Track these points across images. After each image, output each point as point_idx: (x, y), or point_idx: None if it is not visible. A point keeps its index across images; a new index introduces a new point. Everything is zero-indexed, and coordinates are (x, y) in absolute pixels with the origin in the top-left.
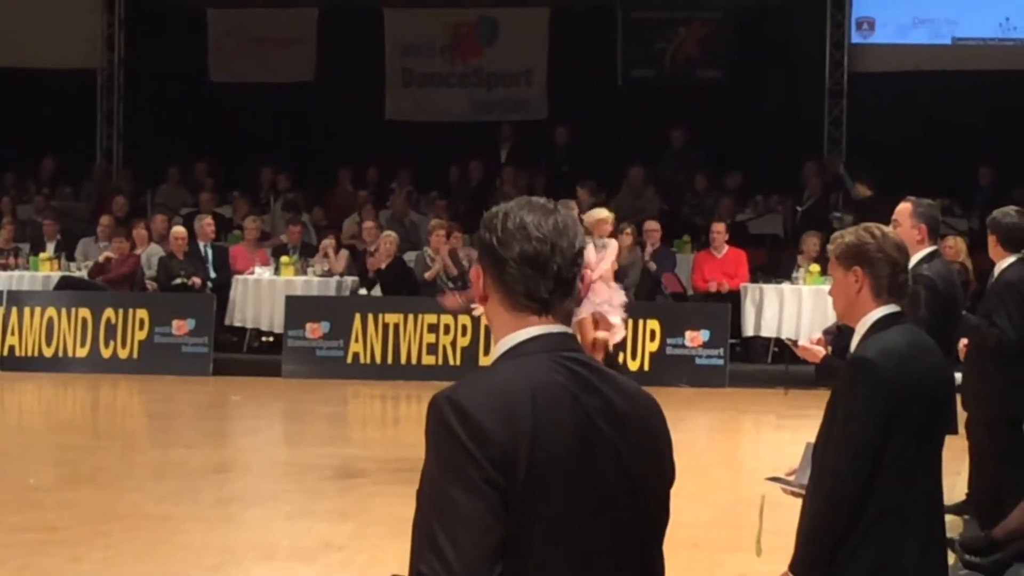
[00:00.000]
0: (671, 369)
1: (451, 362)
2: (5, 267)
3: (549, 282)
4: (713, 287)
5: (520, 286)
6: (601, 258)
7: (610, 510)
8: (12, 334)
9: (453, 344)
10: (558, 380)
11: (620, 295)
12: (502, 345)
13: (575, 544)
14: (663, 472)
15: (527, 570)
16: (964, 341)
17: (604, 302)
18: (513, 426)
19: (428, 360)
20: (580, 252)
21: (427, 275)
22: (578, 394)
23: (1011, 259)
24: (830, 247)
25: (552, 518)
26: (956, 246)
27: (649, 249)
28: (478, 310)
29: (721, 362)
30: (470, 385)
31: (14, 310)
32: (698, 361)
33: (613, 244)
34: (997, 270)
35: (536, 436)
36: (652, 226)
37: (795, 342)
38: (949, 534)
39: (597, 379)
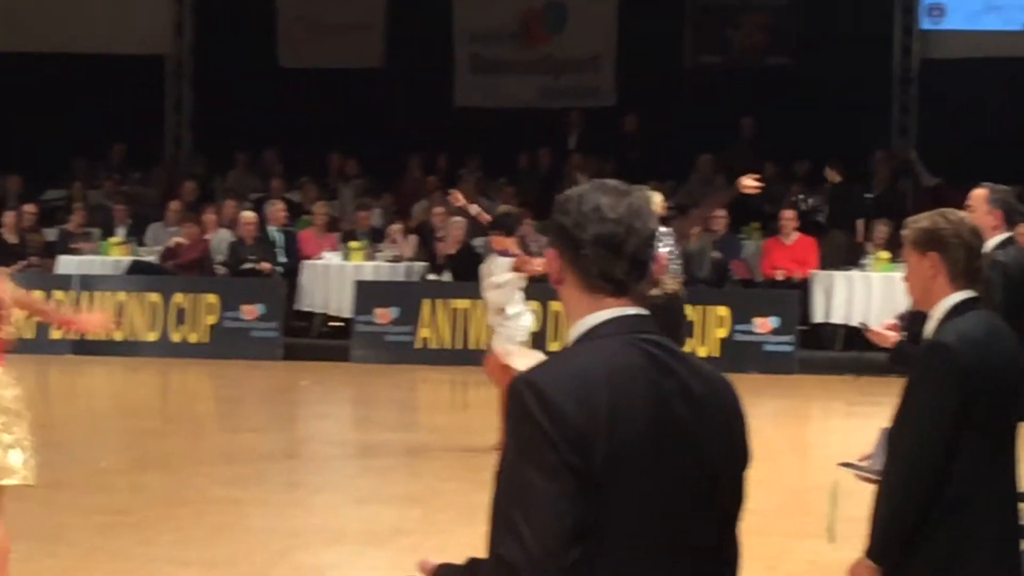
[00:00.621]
0: (740, 355)
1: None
2: (76, 251)
3: (624, 264)
4: (780, 276)
5: (595, 268)
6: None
7: (686, 493)
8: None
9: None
10: (635, 363)
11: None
12: (578, 327)
13: (651, 527)
14: (739, 455)
15: (603, 553)
16: None
17: None
18: (590, 409)
19: None
20: (654, 234)
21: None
22: (655, 377)
23: None
24: (905, 232)
25: (628, 501)
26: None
27: (715, 236)
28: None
29: (790, 348)
30: (549, 368)
31: (85, 294)
32: (767, 347)
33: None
34: None
35: (613, 419)
36: (719, 213)
37: (868, 327)
38: (1023, 522)
39: (674, 361)
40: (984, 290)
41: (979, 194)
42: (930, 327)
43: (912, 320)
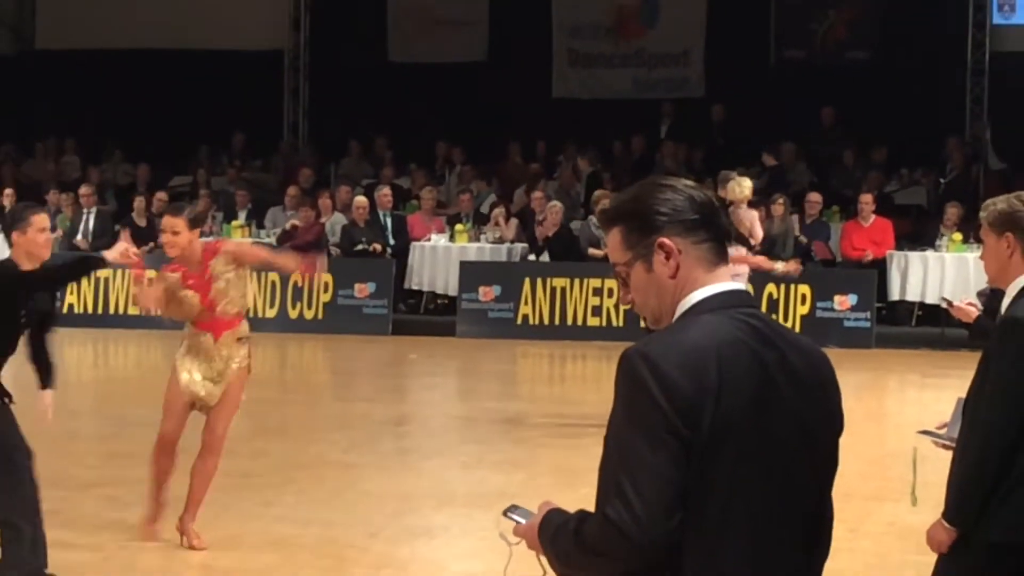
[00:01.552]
0: (820, 331)
1: (614, 323)
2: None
3: (718, 244)
4: (869, 257)
5: (703, 248)
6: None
7: (785, 459)
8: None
9: (616, 306)
10: (739, 336)
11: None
12: (685, 302)
13: (753, 492)
14: (834, 422)
15: (706, 518)
16: None
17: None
18: (700, 380)
19: (593, 321)
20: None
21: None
22: (757, 348)
23: None
24: (982, 214)
25: (731, 468)
26: None
27: (807, 220)
28: None
29: (868, 325)
30: (661, 341)
31: None
32: (846, 324)
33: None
34: None
35: (720, 390)
36: (814, 198)
37: (951, 303)
38: None
39: (773, 334)
40: None
41: None
42: (1005, 303)
43: (991, 297)
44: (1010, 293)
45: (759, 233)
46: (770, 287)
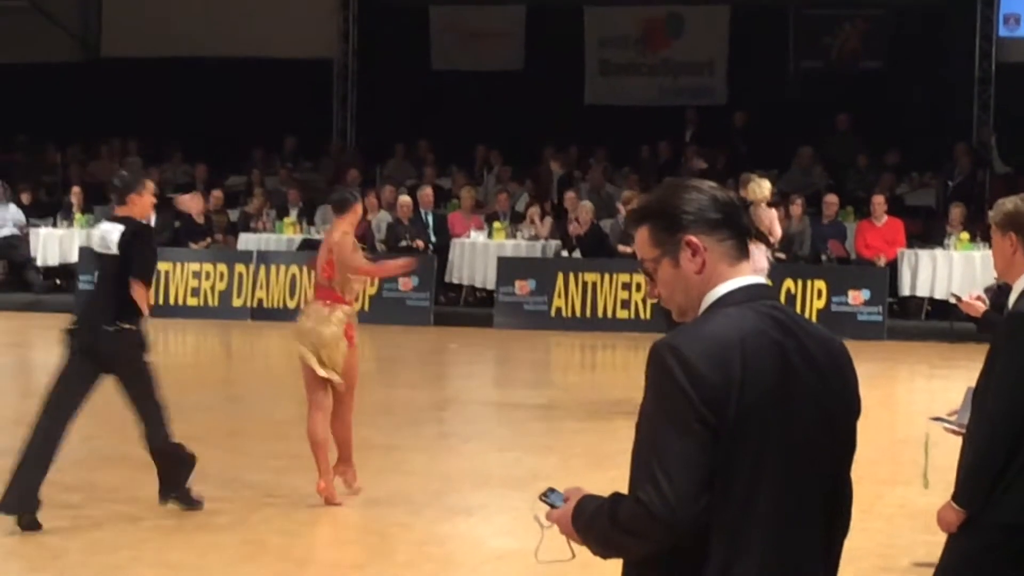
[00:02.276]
0: (835, 324)
1: (642, 316)
2: (255, 230)
3: (740, 241)
4: (882, 262)
5: (725, 245)
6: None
7: (806, 443)
8: (261, 288)
9: (644, 300)
10: (762, 328)
11: (764, 259)
12: (709, 297)
13: (776, 475)
14: (851, 406)
15: (732, 500)
16: None
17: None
18: (725, 371)
19: (622, 314)
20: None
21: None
22: (779, 339)
23: None
24: (991, 214)
25: (756, 453)
26: None
27: (824, 220)
28: None
29: (880, 318)
30: (688, 333)
31: (263, 267)
32: (859, 317)
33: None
34: None
35: (744, 380)
36: (831, 199)
37: (959, 298)
38: None
39: (794, 325)
40: None
41: None
42: (1013, 298)
43: (998, 292)
44: (1016, 289)
45: (778, 231)
46: (788, 282)
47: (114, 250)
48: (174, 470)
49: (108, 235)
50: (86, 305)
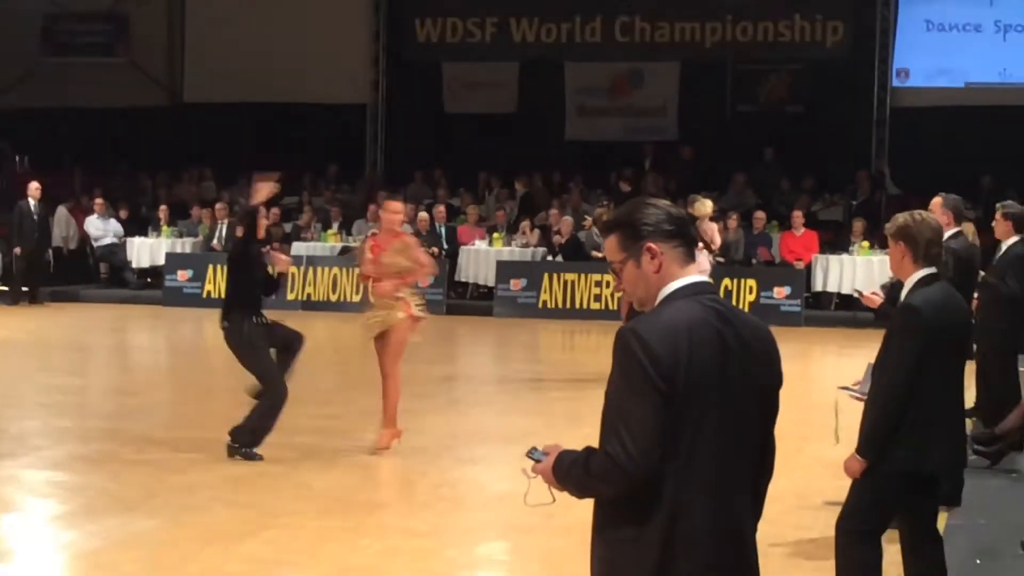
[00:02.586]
0: (763, 314)
1: (611, 307)
2: (305, 239)
3: (688, 247)
4: (800, 265)
5: (679, 250)
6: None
7: (739, 407)
8: (309, 285)
9: (612, 295)
10: (705, 316)
11: (707, 262)
12: (664, 291)
13: (715, 431)
14: (775, 379)
15: (680, 452)
16: (976, 297)
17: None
18: (675, 350)
19: (595, 306)
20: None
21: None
22: (718, 325)
23: (1016, 238)
24: (887, 227)
25: (699, 415)
26: (966, 229)
27: (754, 232)
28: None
29: (799, 309)
30: (646, 320)
31: (311, 269)
32: (782, 308)
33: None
34: (1005, 245)
35: (691, 357)
36: (760, 215)
37: (861, 293)
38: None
39: (729, 314)
40: (942, 268)
41: (936, 201)
42: (904, 293)
43: (892, 288)
44: (907, 286)
45: (718, 240)
46: (726, 281)
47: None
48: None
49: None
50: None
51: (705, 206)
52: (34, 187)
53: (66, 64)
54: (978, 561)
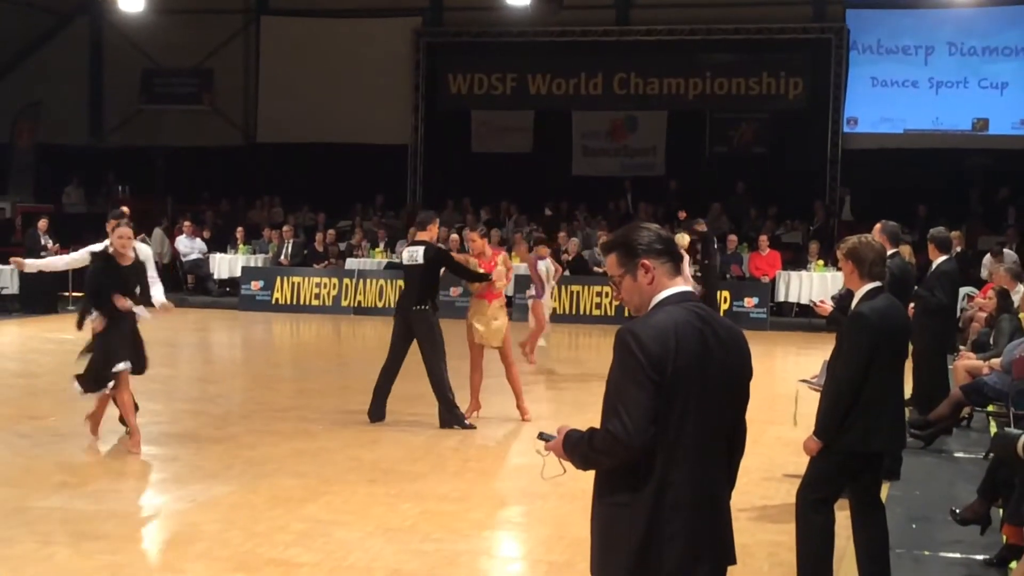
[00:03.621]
0: (735, 320)
1: (609, 313)
2: (357, 256)
3: (675, 263)
4: (766, 279)
5: (669, 266)
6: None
7: (717, 394)
8: (360, 294)
9: (611, 303)
10: (689, 319)
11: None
12: (655, 299)
13: (697, 414)
14: (747, 371)
15: (668, 430)
16: (911, 306)
17: None
18: (665, 346)
19: (596, 312)
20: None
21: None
22: (699, 326)
23: (943, 257)
24: (839, 247)
25: (684, 400)
26: (903, 251)
27: (727, 251)
28: None
29: (765, 316)
30: (641, 322)
31: (361, 281)
32: (751, 315)
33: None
34: (935, 264)
35: (677, 352)
36: (733, 238)
37: (815, 303)
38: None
39: (709, 318)
40: (886, 282)
41: (877, 227)
42: (854, 303)
43: (841, 299)
44: (856, 297)
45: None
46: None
47: (420, 261)
48: (444, 406)
49: (415, 253)
50: (402, 295)
51: (683, 239)
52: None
53: (161, 111)
54: (913, 526)
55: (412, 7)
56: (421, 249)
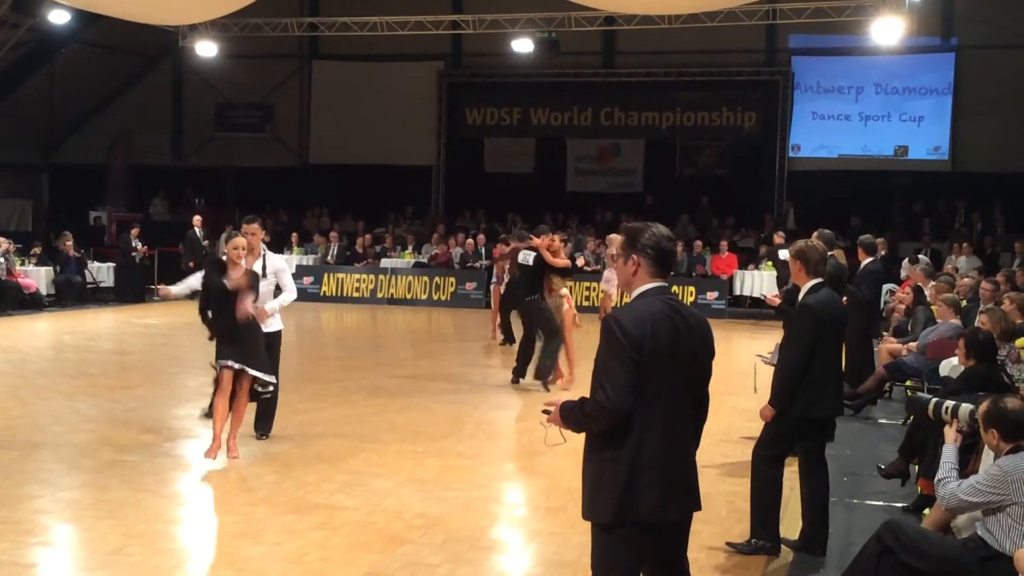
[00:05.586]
0: (699, 310)
1: (595, 305)
2: (390, 257)
3: (660, 265)
4: (725, 277)
5: (656, 264)
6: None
7: (685, 371)
8: (392, 288)
9: (597, 296)
10: (663, 308)
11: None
12: (637, 290)
13: (669, 387)
14: (709, 352)
15: (645, 399)
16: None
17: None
18: (643, 330)
19: (585, 304)
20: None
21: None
22: (671, 315)
23: (870, 259)
24: (789, 249)
25: (658, 376)
26: (837, 254)
27: (694, 254)
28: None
29: (723, 307)
30: (624, 310)
31: (393, 277)
32: (712, 307)
33: None
34: (863, 265)
35: (653, 335)
36: (698, 243)
37: (766, 296)
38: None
39: (680, 307)
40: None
41: (814, 235)
42: (800, 296)
43: (788, 293)
44: (803, 291)
45: None
46: (675, 287)
47: (531, 262)
48: (542, 370)
49: (527, 255)
50: (517, 287)
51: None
52: (196, 219)
53: (230, 137)
54: (845, 479)
55: (437, 53)
56: (532, 254)
